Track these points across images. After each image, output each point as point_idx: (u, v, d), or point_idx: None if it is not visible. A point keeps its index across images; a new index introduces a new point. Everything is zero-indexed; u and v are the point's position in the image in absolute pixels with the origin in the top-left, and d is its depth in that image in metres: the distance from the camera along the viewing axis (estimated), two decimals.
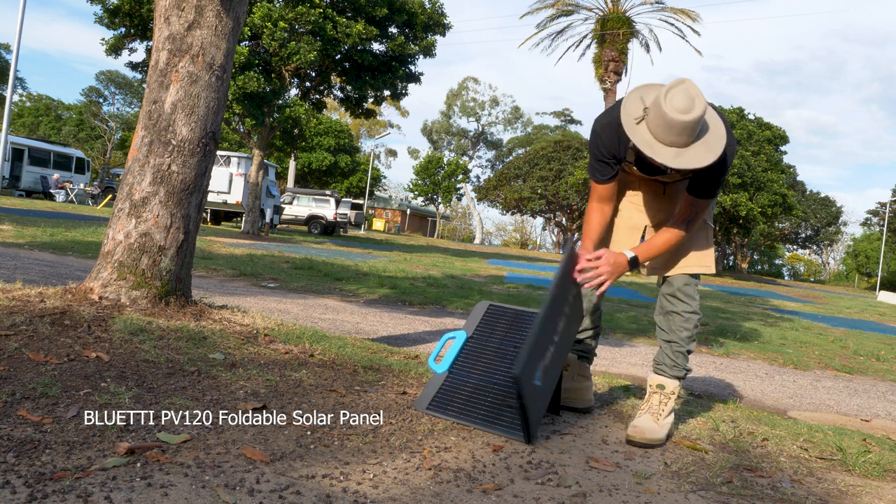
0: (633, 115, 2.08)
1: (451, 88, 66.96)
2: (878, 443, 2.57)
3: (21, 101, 49.71)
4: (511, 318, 2.47)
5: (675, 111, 1.97)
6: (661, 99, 2.00)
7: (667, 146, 2.03)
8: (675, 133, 2.00)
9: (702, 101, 1.99)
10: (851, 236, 58.76)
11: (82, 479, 1.38)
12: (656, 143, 2.04)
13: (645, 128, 2.07)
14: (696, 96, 2.00)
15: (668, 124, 1.99)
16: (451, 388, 2.27)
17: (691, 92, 2.00)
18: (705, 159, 2.02)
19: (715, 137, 2.06)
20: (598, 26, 23.33)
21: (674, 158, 2.02)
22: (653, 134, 2.05)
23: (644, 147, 2.04)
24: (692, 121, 1.97)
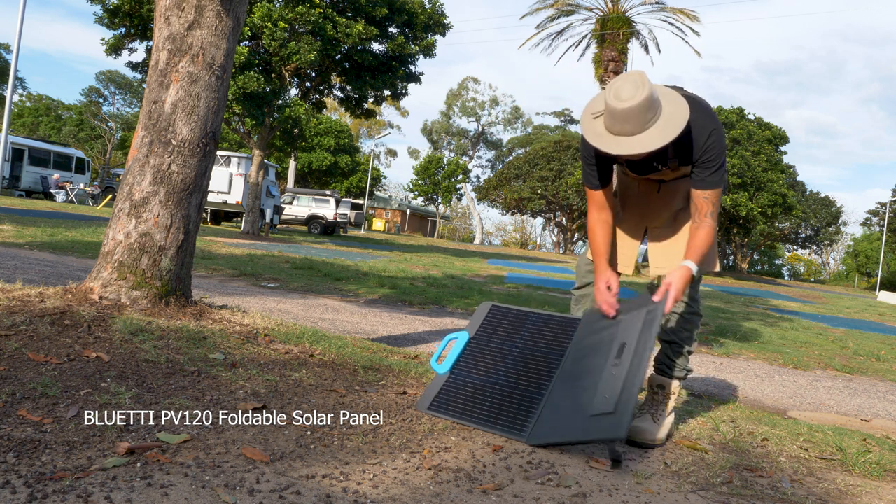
0: (592, 111, 2.14)
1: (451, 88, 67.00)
2: (878, 443, 2.57)
3: (21, 101, 49.72)
4: (513, 318, 2.47)
5: (616, 100, 2.02)
6: (607, 90, 2.06)
7: (616, 135, 2.07)
8: (621, 121, 2.04)
9: (645, 89, 2.01)
10: (851, 236, 58.80)
11: (82, 479, 1.38)
12: (607, 134, 2.09)
13: (601, 122, 2.12)
14: (641, 85, 2.02)
15: (612, 114, 2.04)
16: (452, 389, 2.27)
17: (636, 81, 2.03)
18: (654, 143, 2.03)
19: (669, 122, 2.07)
20: (597, 26, 23.33)
21: (618, 146, 2.06)
22: (606, 126, 2.09)
23: (592, 138, 2.10)
24: (632, 107, 2.00)
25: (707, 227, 2.24)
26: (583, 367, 2.16)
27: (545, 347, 2.31)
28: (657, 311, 2.09)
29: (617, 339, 2.12)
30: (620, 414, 1.88)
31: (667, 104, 2.09)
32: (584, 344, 2.24)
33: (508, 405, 2.16)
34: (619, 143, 2.07)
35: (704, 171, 2.22)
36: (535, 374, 2.23)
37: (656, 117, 2.06)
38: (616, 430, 1.85)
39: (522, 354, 2.32)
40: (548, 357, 2.27)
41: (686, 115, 2.08)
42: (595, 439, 1.92)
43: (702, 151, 2.18)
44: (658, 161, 2.26)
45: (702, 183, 2.23)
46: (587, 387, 2.06)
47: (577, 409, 2.02)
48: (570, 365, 2.21)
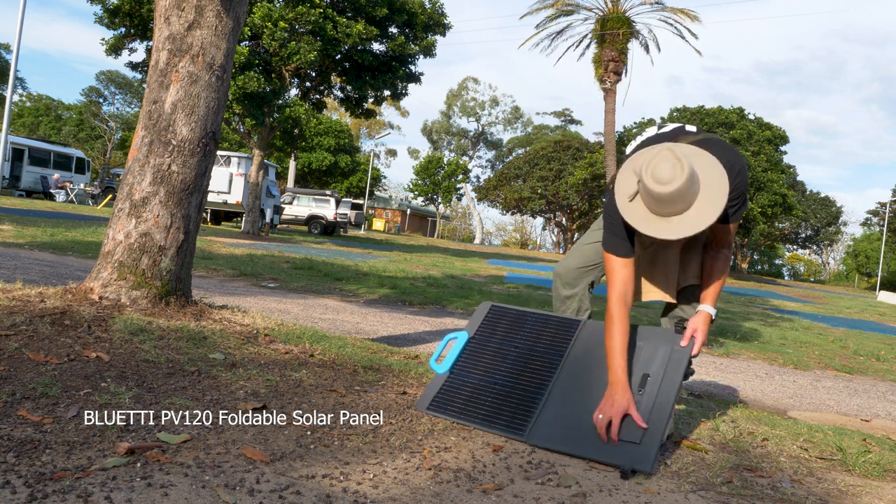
0: (627, 193, 2.01)
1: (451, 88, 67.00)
2: (878, 443, 2.57)
3: (21, 101, 49.71)
4: (513, 318, 2.47)
5: (658, 184, 1.90)
6: (643, 174, 1.93)
7: (664, 217, 1.96)
8: (668, 204, 1.93)
9: (685, 166, 1.90)
10: (851, 236, 58.80)
11: (82, 479, 1.38)
12: (653, 218, 1.98)
13: (640, 203, 2.00)
14: (678, 161, 1.91)
15: (657, 198, 1.93)
16: (452, 389, 2.27)
17: (671, 159, 1.91)
18: (710, 217, 1.94)
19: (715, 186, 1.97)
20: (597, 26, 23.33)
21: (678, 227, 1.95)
22: (649, 208, 1.98)
23: (641, 225, 1.98)
24: (677, 190, 1.89)
25: (724, 261, 2.26)
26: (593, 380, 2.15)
27: (544, 348, 2.31)
28: (684, 354, 2.13)
29: (637, 367, 2.12)
30: (647, 447, 1.90)
31: (701, 169, 1.98)
32: (594, 355, 2.23)
33: (507, 405, 2.16)
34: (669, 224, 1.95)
35: (732, 207, 2.18)
36: (535, 374, 2.23)
37: (699, 188, 1.96)
38: (643, 463, 1.88)
39: (522, 354, 2.32)
40: (547, 357, 2.27)
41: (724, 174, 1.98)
42: (614, 464, 1.91)
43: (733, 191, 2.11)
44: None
45: (730, 217, 2.20)
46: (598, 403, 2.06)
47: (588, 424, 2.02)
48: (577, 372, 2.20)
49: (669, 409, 2.02)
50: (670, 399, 2.04)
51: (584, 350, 2.26)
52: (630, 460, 1.88)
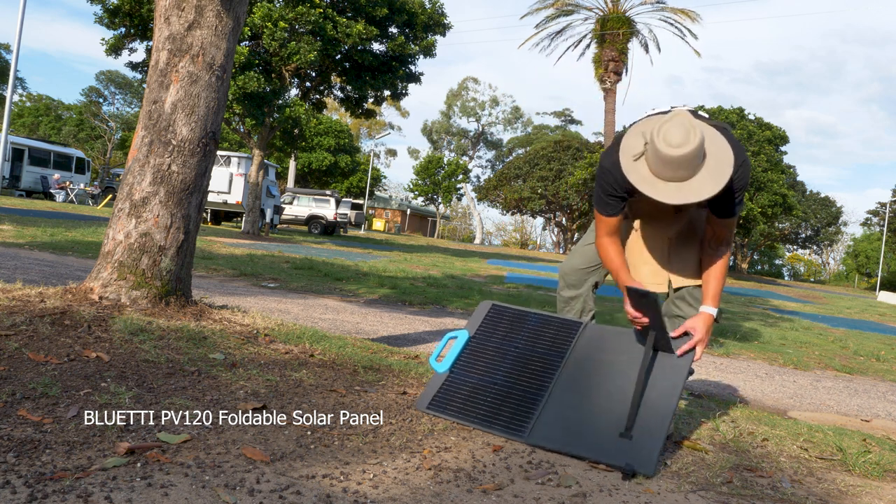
0: (632, 153, 2.03)
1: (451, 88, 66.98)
2: (878, 443, 2.57)
3: (21, 101, 49.71)
4: (513, 318, 2.46)
5: (668, 146, 1.92)
6: (654, 135, 1.95)
7: (667, 181, 1.98)
8: (673, 168, 1.95)
9: (697, 133, 1.93)
10: (851, 236, 58.79)
11: (82, 479, 1.38)
12: (657, 181, 2.00)
13: (644, 164, 2.02)
14: (692, 128, 1.93)
15: (664, 160, 1.94)
16: (451, 388, 2.27)
17: (686, 124, 1.94)
18: (710, 190, 1.97)
19: (720, 164, 1.99)
20: (597, 26, 23.34)
21: (676, 193, 1.97)
22: (652, 170, 2.00)
23: (643, 186, 2.00)
24: (686, 154, 1.92)
25: (724, 260, 2.26)
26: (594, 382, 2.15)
27: (545, 348, 2.31)
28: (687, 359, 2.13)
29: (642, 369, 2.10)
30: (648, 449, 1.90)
31: (710, 144, 2.01)
32: (595, 358, 2.23)
33: (507, 405, 2.15)
34: (669, 189, 1.98)
35: (731, 201, 2.18)
36: (535, 375, 2.23)
37: (705, 160, 1.98)
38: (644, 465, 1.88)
39: (522, 354, 2.32)
40: (547, 358, 2.27)
41: (732, 158, 2.00)
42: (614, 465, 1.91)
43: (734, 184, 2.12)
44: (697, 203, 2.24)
45: (728, 212, 2.20)
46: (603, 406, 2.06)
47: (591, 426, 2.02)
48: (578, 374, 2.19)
49: (671, 411, 2.01)
50: (672, 401, 2.03)
51: (586, 352, 2.26)
52: (631, 461, 1.88)
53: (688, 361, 2.13)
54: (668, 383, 2.08)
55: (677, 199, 1.98)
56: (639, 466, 1.87)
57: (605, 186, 2.23)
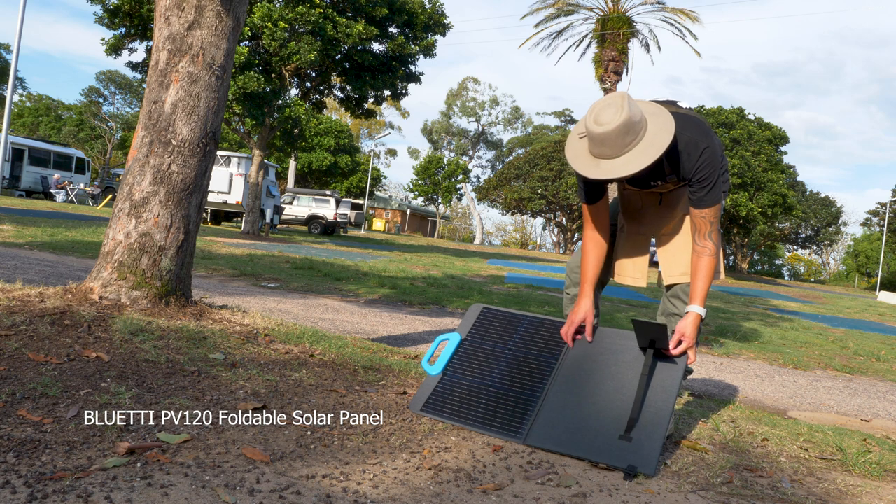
0: (579, 131, 2.14)
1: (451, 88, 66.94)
2: (878, 443, 2.57)
3: (21, 101, 49.72)
4: (505, 321, 2.47)
5: (594, 124, 2.03)
6: (588, 113, 2.06)
7: (597, 158, 2.08)
8: (598, 145, 2.05)
9: (623, 114, 1.99)
10: (851, 236, 58.81)
11: (82, 479, 1.38)
12: (585, 156, 2.10)
13: (584, 142, 2.12)
14: (620, 108, 2.00)
15: (590, 137, 2.05)
16: (445, 390, 2.27)
17: (617, 104, 2.02)
18: (627, 169, 2.03)
19: (651, 145, 2.04)
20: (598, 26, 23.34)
21: (594, 169, 2.07)
22: (588, 148, 2.10)
23: (571, 160, 2.12)
24: (608, 132, 2.00)
25: (708, 257, 2.25)
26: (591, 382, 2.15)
27: (539, 350, 2.31)
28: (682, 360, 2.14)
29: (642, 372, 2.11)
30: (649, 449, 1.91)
31: (653, 125, 2.08)
32: (591, 358, 2.23)
33: (503, 407, 2.16)
34: (596, 165, 2.08)
35: (700, 191, 2.20)
36: (530, 377, 2.23)
37: (637, 140, 2.05)
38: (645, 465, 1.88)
39: (516, 357, 2.32)
40: (542, 360, 2.28)
41: (668, 137, 2.05)
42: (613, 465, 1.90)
43: (693, 170, 2.17)
44: (656, 178, 2.26)
45: (698, 202, 2.22)
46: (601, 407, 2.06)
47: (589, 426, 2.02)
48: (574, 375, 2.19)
49: (669, 411, 2.01)
50: (670, 401, 2.03)
51: (581, 352, 2.26)
52: (632, 461, 1.88)
53: (683, 361, 2.14)
54: (665, 384, 2.08)
55: (593, 174, 2.08)
56: (640, 466, 1.87)
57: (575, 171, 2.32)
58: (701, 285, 2.24)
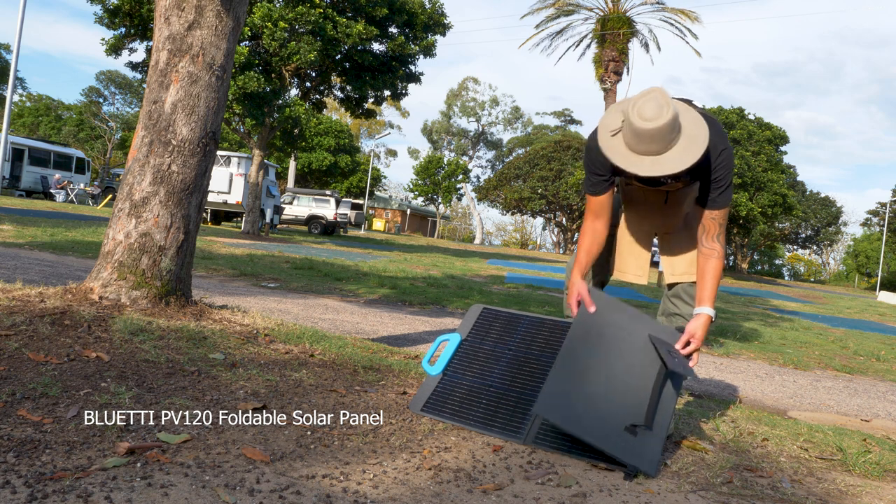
0: (610, 129, 2.11)
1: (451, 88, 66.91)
2: (878, 443, 2.57)
3: (21, 101, 49.72)
4: (505, 321, 2.47)
5: (641, 119, 2.00)
6: (629, 109, 2.02)
7: (641, 155, 2.05)
8: (646, 141, 2.01)
9: (670, 109, 1.99)
10: (851, 236, 58.82)
11: (82, 479, 1.38)
12: (630, 154, 2.06)
13: (620, 140, 2.08)
14: (665, 104, 2.00)
15: (637, 133, 2.01)
16: (445, 390, 2.27)
17: (660, 100, 2.00)
18: (681, 164, 2.02)
19: (693, 141, 2.05)
20: (598, 26, 23.35)
21: (649, 167, 2.04)
22: (627, 145, 2.06)
23: (616, 159, 2.07)
24: (658, 128, 1.98)
25: (717, 259, 2.26)
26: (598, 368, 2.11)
27: (539, 350, 2.31)
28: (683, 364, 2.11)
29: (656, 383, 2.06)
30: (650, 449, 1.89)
31: (686, 122, 2.08)
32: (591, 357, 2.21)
33: (503, 408, 2.15)
34: (643, 162, 2.04)
35: (714, 192, 2.21)
36: (531, 378, 2.23)
37: (679, 136, 2.04)
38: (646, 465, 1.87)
39: (516, 357, 2.32)
40: (542, 359, 2.27)
41: (706, 135, 2.06)
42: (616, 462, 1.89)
43: (712, 171, 2.17)
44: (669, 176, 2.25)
45: (711, 203, 2.23)
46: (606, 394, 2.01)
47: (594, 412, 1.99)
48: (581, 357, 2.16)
49: (671, 411, 2.01)
50: (672, 400, 2.03)
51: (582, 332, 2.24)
52: (633, 458, 1.88)
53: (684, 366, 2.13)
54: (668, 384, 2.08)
55: (648, 172, 2.04)
56: (640, 465, 1.87)
57: (589, 165, 2.30)
58: (710, 287, 2.24)
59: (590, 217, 2.38)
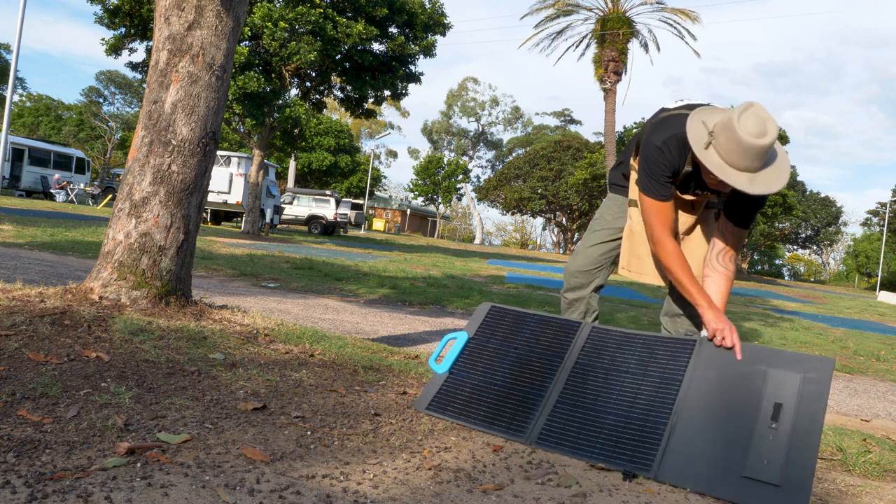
0: (702, 140, 2.05)
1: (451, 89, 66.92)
2: (878, 443, 2.57)
3: (21, 101, 49.72)
4: (513, 319, 2.46)
5: (749, 136, 1.95)
6: (733, 123, 1.97)
7: (740, 171, 2.01)
8: (750, 158, 1.97)
9: (774, 126, 1.96)
10: (851, 236, 58.83)
11: (82, 479, 1.38)
12: (729, 168, 2.01)
13: (714, 152, 2.04)
14: (768, 120, 1.97)
15: (743, 149, 1.96)
16: (451, 389, 2.27)
17: (762, 116, 1.97)
18: (777, 184, 2.00)
19: (782, 162, 2.04)
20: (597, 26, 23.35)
21: (748, 183, 2.00)
22: (724, 158, 2.02)
23: (718, 172, 2.01)
24: (766, 145, 1.95)
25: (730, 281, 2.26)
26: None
27: (544, 349, 2.31)
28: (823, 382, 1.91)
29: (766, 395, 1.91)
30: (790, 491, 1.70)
31: None
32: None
33: (508, 406, 2.15)
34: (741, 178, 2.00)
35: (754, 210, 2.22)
36: (535, 376, 2.23)
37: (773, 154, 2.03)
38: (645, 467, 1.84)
39: (522, 356, 2.32)
40: (547, 359, 2.27)
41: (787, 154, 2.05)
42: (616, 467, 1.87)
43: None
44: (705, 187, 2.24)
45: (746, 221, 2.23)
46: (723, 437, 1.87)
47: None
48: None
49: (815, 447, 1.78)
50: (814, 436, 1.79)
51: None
52: (632, 465, 1.88)
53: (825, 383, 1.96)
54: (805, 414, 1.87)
55: (751, 189, 2.00)
56: (639, 468, 1.87)
57: (657, 167, 2.21)
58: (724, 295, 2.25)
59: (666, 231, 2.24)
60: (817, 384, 1.90)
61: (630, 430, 1.96)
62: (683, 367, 2.05)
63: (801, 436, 1.80)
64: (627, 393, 2.07)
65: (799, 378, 1.92)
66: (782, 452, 1.77)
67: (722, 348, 2.07)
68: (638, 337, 2.23)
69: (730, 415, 1.90)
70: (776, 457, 1.77)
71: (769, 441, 1.81)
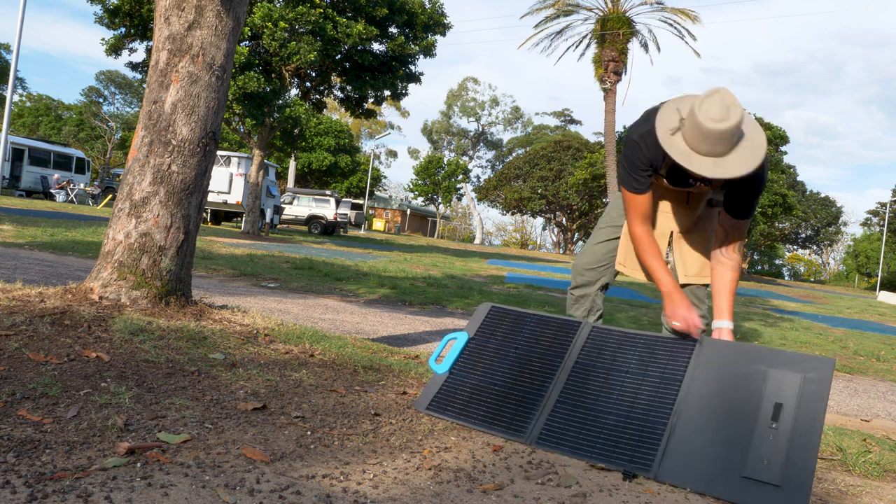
0: (669, 127, 2.05)
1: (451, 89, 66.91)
2: (878, 443, 2.57)
3: (21, 101, 49.71)
4: (513, 319, 2.46)
5: (709, 120, 1.95)
6: (695, 109, 1.97)
7: (704, 156, 2.01)
8: (712, 142, 1.97)
9: (738, 110, 1.96)
10: (851, 236, 58.82)
11: (82, 479, 1.38)
12: (693, 154, 2.02)
13: (681, 138, 2.04)
14: (732, 105, 1.96)
15: (703, 134, 1.97)
16: (451, 389, 2.27)
17: (726, 100, 1.97)
18: (744, 167, 1.99)
19: (753, 146, 2.02)
20: (597, 26, 23.36)
21: (712, 168, 2.00)
22: (689, 144, 2.02)
23: (681, 158, 2.02)
24: (727, 129, 1.94)
25: (735, 271, 2.26)
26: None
27: (544, 349, 2.31)
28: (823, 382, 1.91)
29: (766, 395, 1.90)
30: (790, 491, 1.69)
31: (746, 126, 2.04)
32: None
33: (508, 406, 2.15)
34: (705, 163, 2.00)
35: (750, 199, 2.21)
36: (535, 376, 2.23)
37: (741, 139, 2.01)
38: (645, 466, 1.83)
39: (522, 356, 2.32)
40: (547, 359, 2.27)
41: (764, 140, 2.03)
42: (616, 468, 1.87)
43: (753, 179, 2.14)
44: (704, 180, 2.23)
45: (742, 212, 2.22)
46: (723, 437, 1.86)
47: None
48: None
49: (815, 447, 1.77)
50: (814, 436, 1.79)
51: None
52: (632, 463, 1.88)
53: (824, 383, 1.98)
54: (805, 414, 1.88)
55: (711, 173, 2.00)
56: (639, 468, 1.87)
57: (633, 161, 2.24)
58: (729, 300, 2.25)
59: (638, 220, 2.30)
60: (817, 384, 1.90)
61: (630, 430, 1.96)
62: (683, 367, 2.06)
63: (801, 436, 1.80)
64: (627, 393, 2.07)
65: (799, 378, 1.91)
66: (782, 452, 1.77)
67: (722, 348, 2.07)
68: (638, 337, 2.24)
69: (730, 415, 1.91)
70: (776, 457, 1.77)
71: (769, 441, 1.81)
